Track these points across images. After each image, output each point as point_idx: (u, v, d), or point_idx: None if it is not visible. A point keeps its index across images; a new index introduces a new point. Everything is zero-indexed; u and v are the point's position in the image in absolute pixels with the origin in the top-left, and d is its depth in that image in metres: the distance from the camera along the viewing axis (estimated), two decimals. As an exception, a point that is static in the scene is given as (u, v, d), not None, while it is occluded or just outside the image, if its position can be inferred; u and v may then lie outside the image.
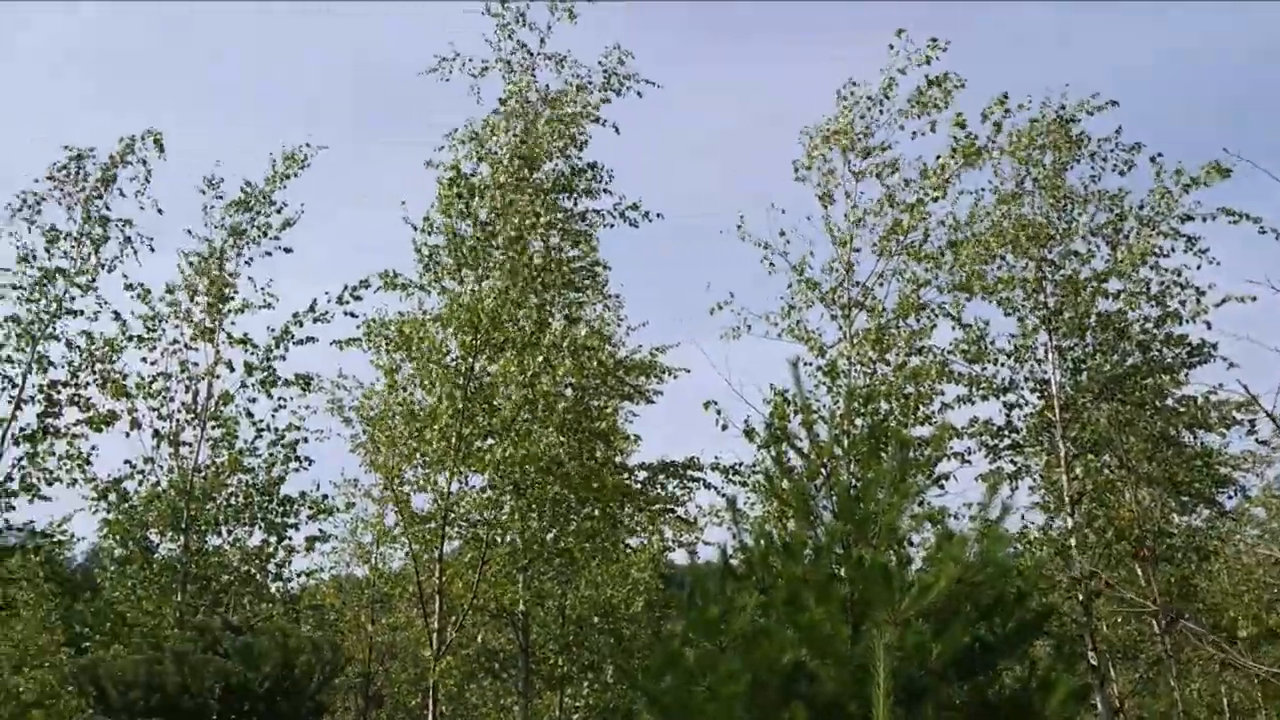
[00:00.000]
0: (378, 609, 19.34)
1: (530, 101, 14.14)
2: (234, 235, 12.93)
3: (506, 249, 13.17)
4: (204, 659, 8.41)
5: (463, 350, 12.64)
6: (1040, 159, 14.29)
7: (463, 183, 13.21)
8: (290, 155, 13.10)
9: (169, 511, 11.97)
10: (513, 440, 12.34)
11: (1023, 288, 14.09)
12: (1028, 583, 8.26)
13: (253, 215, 12.99)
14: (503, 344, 12.72)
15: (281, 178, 13.09)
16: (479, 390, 12.63)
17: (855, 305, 12.79)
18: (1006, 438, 14.08)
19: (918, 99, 12.82)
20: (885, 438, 10.91)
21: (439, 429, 12.37)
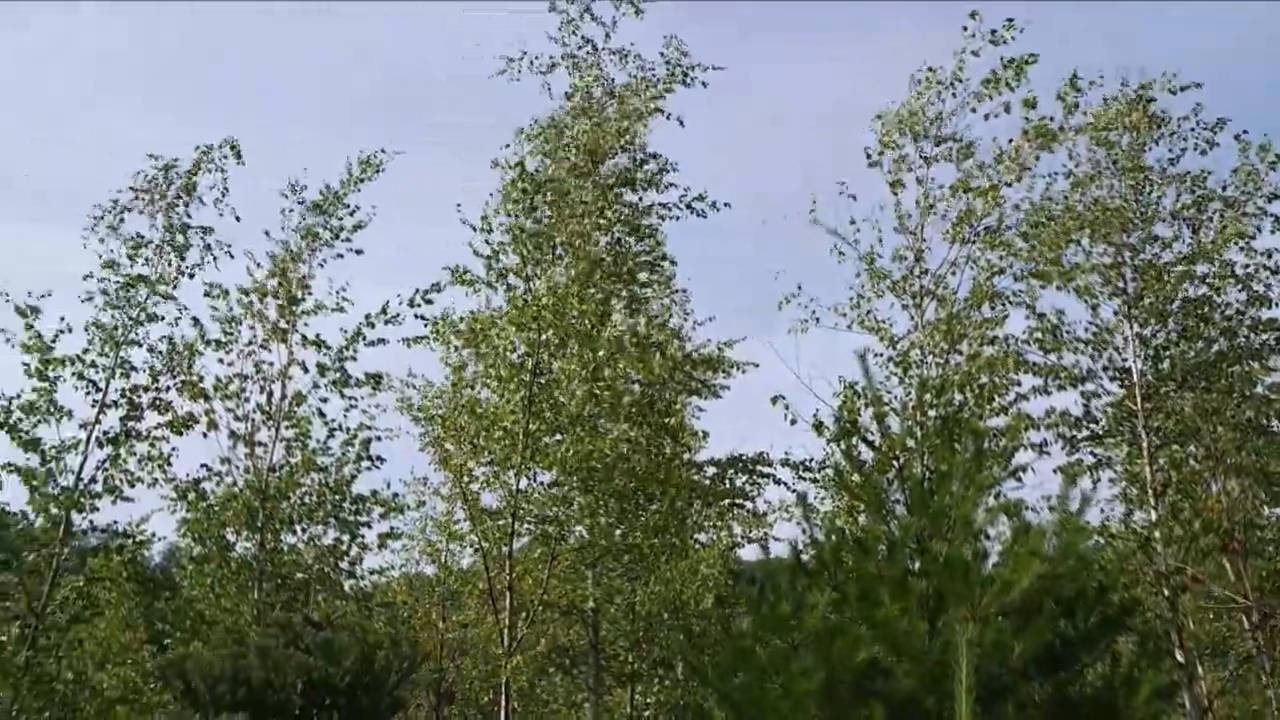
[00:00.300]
0: (448, 606, 19.54)
1: (595, 97, 14.16)
2: (308, 238, 13.15)
3: (570, 243, 13.21)
4: (287, 654, 8.55)
5: (527, 347, 12.70)
6: (1117, 140, 13.88)
7: (527, 179, 13.29)
8: (366, 160, 13.31)
9: (245, 510, 12.22)
10: (577, 436, 12.37)
11: (1100, 274, 13.71)
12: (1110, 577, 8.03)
13: (326, 218, 13.20)
14: (565, 338, 12.76)
15: (356, 182, 13.29)
16: (544, 386, 12.68)
17: (926, 294, 12.55)
18: (1085, 428, 13.72)
19: (991, 80, 12.52)
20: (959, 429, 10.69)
21: (506, 426, 12.44)
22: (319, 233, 13.16)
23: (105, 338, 11.59)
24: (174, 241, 12.13)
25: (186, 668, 8.46)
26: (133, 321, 11.79)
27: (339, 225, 13.19)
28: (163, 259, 12.10)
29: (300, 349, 12.87)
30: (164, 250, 12.11)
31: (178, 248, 12.11)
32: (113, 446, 11.38)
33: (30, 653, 10.52)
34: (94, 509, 11.24)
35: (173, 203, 12.22)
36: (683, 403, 15.62)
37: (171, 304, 12.04)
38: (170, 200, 12.22)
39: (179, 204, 12.26)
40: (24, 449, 11.02)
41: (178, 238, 12.15)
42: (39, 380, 11.21)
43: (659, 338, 14.05)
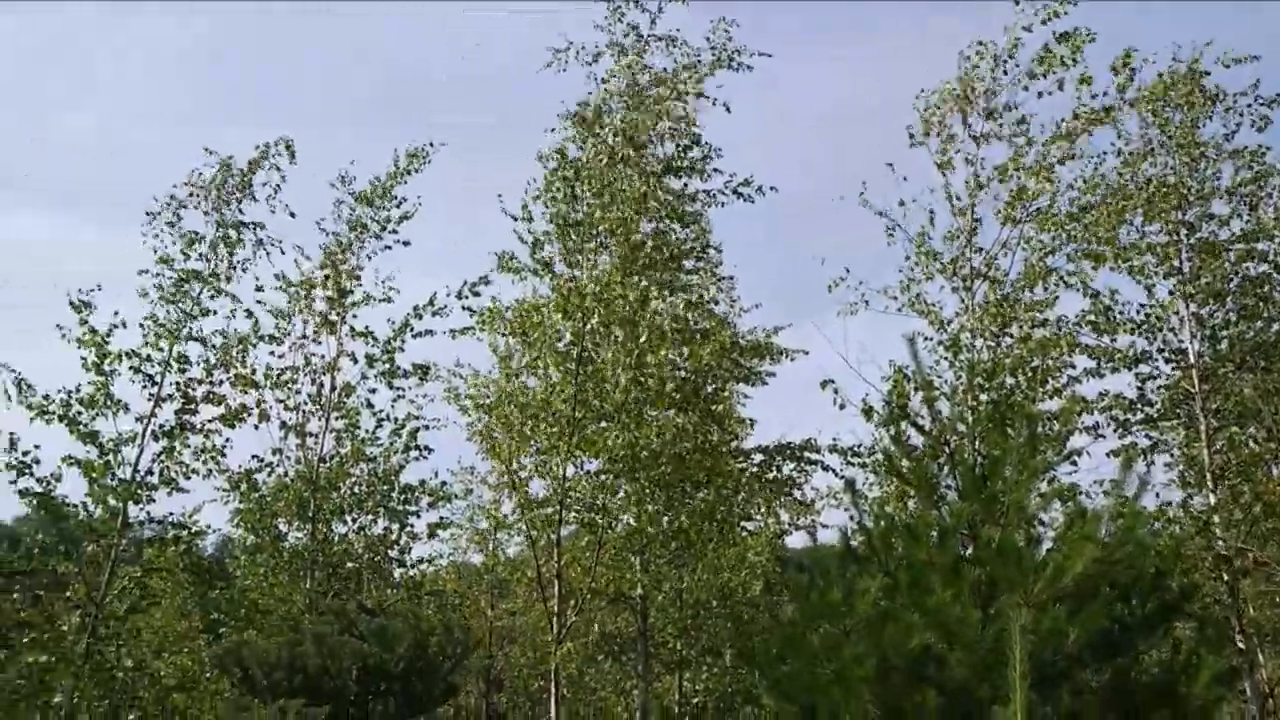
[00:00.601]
0: (496, 594, 19.69)
1: (640, 84, 14.08)
2: (356, 229, 13.26)
3: (613, 230, 13.18)
4: (342, 641, 8.68)
5: (573, 335, 12.72)
6: (1171, 116, 13.55)
7: (567, 166, 13.28)
8: (413, 152, 13.41)
9: (296, 501, 12.39)
10: (623, 424, 12.36)
11: (1155, 253, 13.41)
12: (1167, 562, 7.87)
13: (374, 210, 13.32)
14: (609, 325, 12.74)
15: (403, 174, 13.39)
16: (590, 374, 12.68)
17: (977, 276, 12.33)
18: (1139, 411, 13.46)
19: (1044, 57, 12.22)
20: (1011, 414, 10.53)
21: (553, 414, 12.48)
22: (367, 224, 13.27)
23: (160, 332, 11.77)
24: (227, 237, 12.29)
25: (244, 655, 8.61)
26: (186, 316, 11.96)
27: (386, 217, 13.30)
28: (216, 254, 12.26)
29: (349, 340, 13.01)
30: (217, 246, 12.27)
31: (230, 243, 12.27)
32: (168, 439, 11.56)
33: (90, 641, 10.76)
34: (150, 500, 11.43)
35: (226, 199, 12.37)
36: (730, 390, 15.54)
37: (224, 298, 12.20)
38: (225, 197, 12.36)
39: (233, 200, 12.41)
40: (82, 441, 11.24)
41: (230, 233, 12.30)
42: (96, 374, 11.42)
43: (706, 325, 13.96)
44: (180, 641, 13.20)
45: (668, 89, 13.91)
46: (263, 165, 12.48)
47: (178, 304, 11.87)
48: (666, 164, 14.04)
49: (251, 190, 12.45)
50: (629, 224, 13.29)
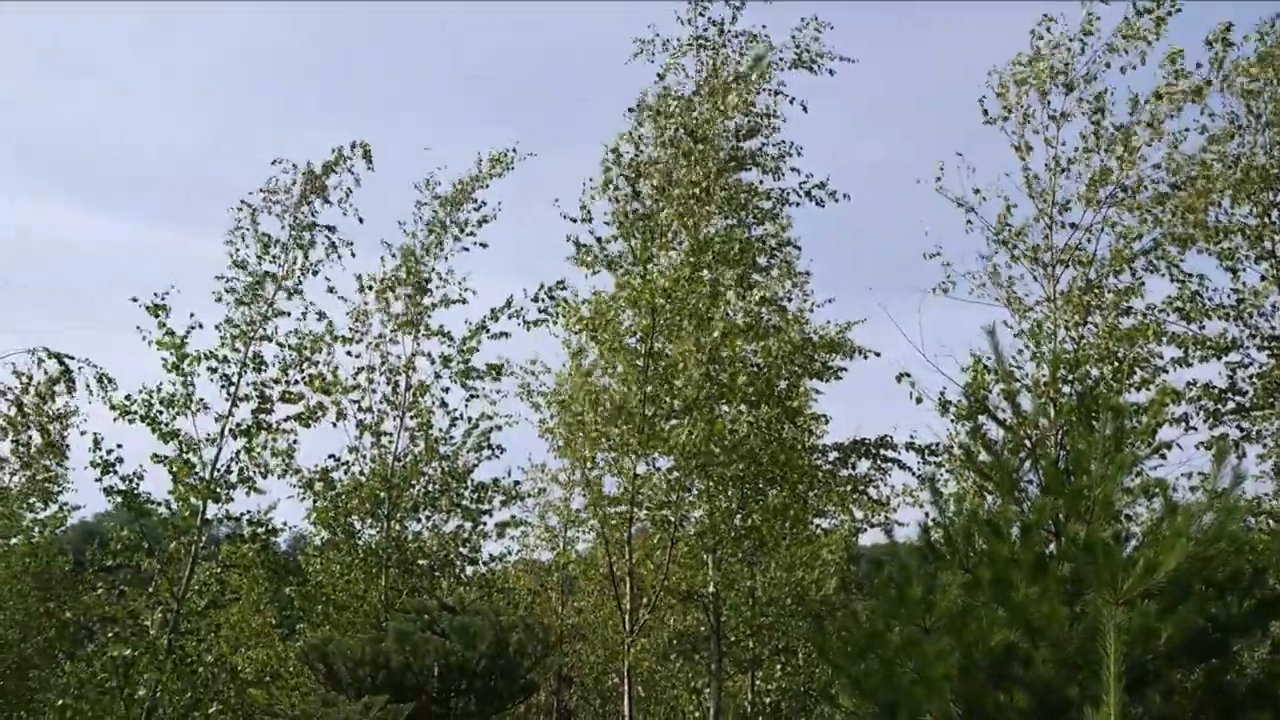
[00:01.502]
0: (566, 591, 19.71)
1: (720, 78, 13.95)
2: (436, 231, 13.36)
3: (681, 224, 13.08)
4: (424, 638, 8.74)
5: (643, 331, 12.65)
6: (1260, 91, 12.99)
7: (624, 165, 13.23)
8: (496, 157, 13.47)
9: (371, 498, 12.53)
10: (694, 421, 12.24)
11: (1245, 235, 12.88)
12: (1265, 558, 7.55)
13: (454, 212, 13.40)
14: (679, 320, 12.64)
15: (486, 177, 13.46)
16: (661, 370, 12.60)
17: (1060, 262, 11.93)
18: (1230, 401, 12.95)
19: (1125, 31, 11.76)
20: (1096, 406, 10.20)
21: (624, 411, 12.42)
22: (446, 226, 13.35)
23: (236, 333, 11.99)
24: (300, 240, 12.47)
25: (329, 651, 8.72)
26: (261, 317, 12.16)
27: (465, 220, 13.38)
28: (289, 256, 12.44)
29: (425, 340, 13.11)
30: (289, 248, 12.45)
31: (303, 245, 12.45)
32: (245, 438, 11.77)
33: (172, 636, 11.01)
34: (229, 499, 11.66)
35: (300, 202, 12.55)
36: (804, 385, 15.33)
37: (298, 299, 12.38)
38: (298, 200, 12.55)
39: (306, 204, 12.58)
40: (163, 440, 11.50)
41: (304, 235, 12.48)
42: (176, 374, 11.67)
43: (777, 320, 13.77)
44: (257, 637, 13.43)
45: (741, 83, 13.76)
46: (337, 169, 12.63)
47: (252, 306, 12.08)
48: (732, 157, 13.89)
49: (326, 193, 12.61)
50: (696, 218, 13.18)
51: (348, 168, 12.65)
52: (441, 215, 13.39)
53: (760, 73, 13.84)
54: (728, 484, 12.87)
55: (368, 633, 9.65)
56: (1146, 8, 11.65)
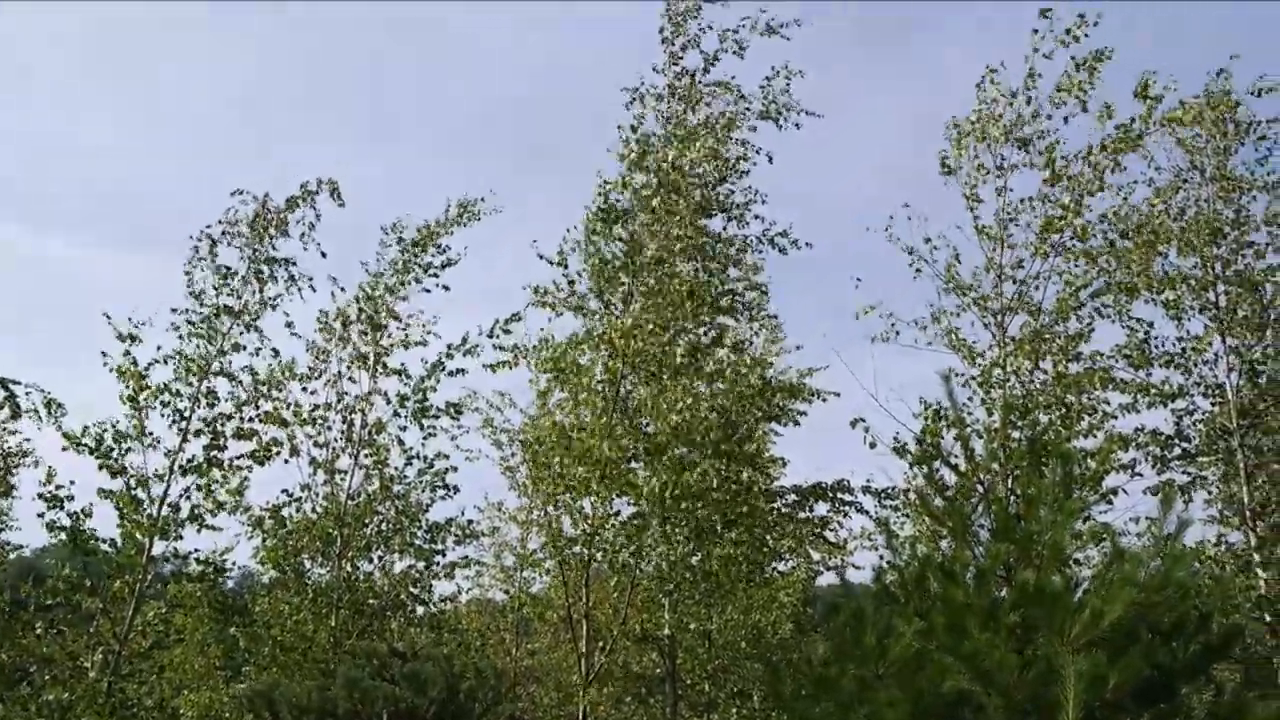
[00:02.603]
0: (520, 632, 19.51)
1: (689, 126, 14.01)
2: (399, 273, 13.31)
3: (652, 271, 13.10)
4: (373, 685, 8.59)
5: (609, 375, 12.63)
6: (1203, 146, 13.42)
7: (611, 210, 13.25)
8: (464, 205, 13.49)
9: (322, 537, 12.35)
10: (663, 467, 12.20)
11: (1189, 286, 13.23)
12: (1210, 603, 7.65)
13: (419, 255, 13.36)
14: (639, 364, 12.64)
15: (453, 223, 13.46)
16: (626, 413, 12.57)
17: (1009, 310, 12.15)
18: (1177, 447, 13.22)
19: (1065, 86, 12.07)
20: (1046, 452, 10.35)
21: (585, 453, 12.37)
22: (410, 268, 13.31)
23: (189, 367, 11.82)
24: (259, 273, 12.36)
25: (274, 697, 8.54)
26: (217, 351, 12.01)
27: (428, 262, 13.35)
28: (247, 289, 12.33)
29: (383, 378, 13.01)
30: (248, 281, 12.34)
31: (262, 279, 12.34)
32: (196, 475, 11.57)
33: (112, 679, 10.71)
34: (178, 537, 11.43)
35: (261, 235, 12.45)
36: (763, 430, 15.38)
37: (254, 334, 12.24)
38: (259, 233, 12.45)
39: (267, 237, 12.48)
40: (112, 475, 11.28)
41: (263, 269, 12.38)
42: (131, 407, 11.47)
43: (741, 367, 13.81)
44: (200, 679, 13.11)
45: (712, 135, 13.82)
46: (301, 204, 12.57)
47: (207, 339, 11.94)
48: (700, 205, 13.95)
49: (286, 227, 12.53)
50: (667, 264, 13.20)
51: (311, 203, 12.60)
52: (406, 257, 13.36)
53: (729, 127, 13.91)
54: (685, 527, 12.85)
55: (315, 678, 9.47)
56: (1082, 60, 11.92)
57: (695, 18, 13.81)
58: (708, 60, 13.85)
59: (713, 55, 13.83)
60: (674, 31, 13.88)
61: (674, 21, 13.86)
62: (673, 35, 13.89)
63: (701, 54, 13.88)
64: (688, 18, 13.83)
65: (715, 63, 13.85)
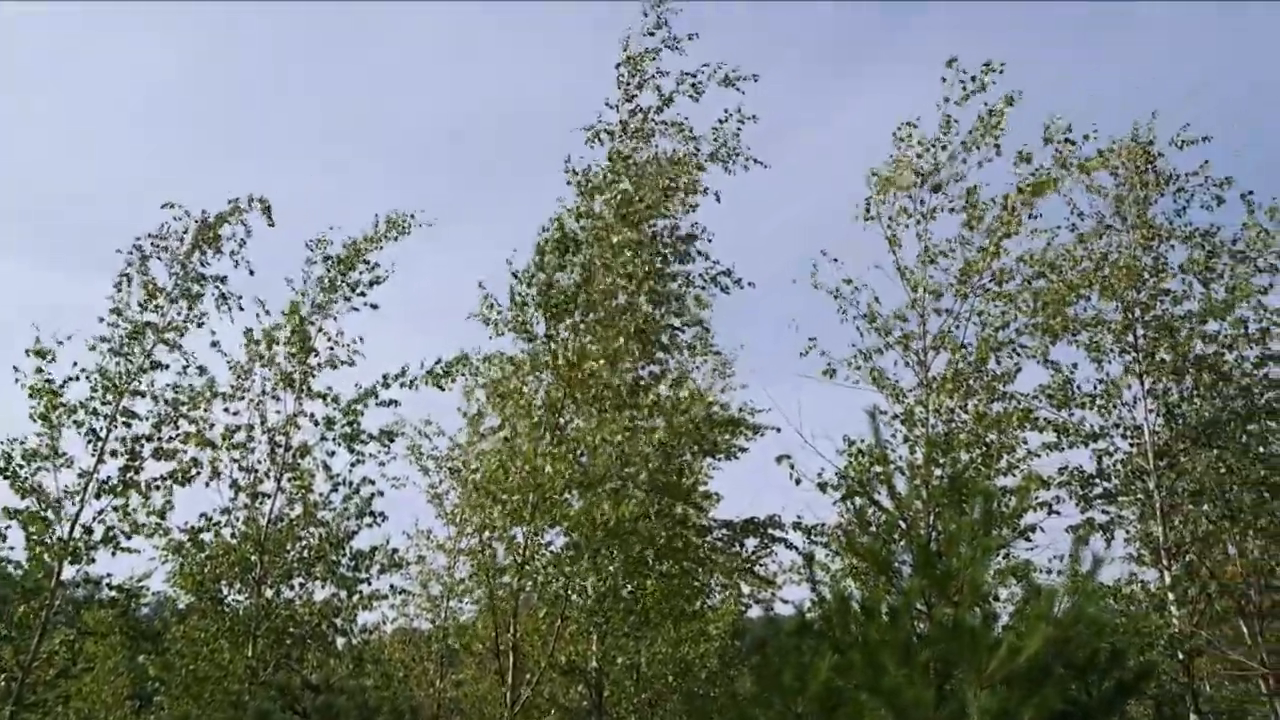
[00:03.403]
0: (445, 664, 19.19)
1: (640, 164, 14.04)
2: (326, 291, 13.12)
3: (602, 304, 13.07)
4: (284, 718, 8.37)
5: (550, 403, 12.54)
6: (1125, 195, 13.87)
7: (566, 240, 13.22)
8: (393, 221, 13.34)
9: (242, 563, 12.06)
10: (596, 498, 12.13)
11: (1110, 330, 13.59)
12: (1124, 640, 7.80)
13: (345, 273, 13.19)
14: (596, 401, 12.56)
15: (381, 238, 13.31)
16: (564, 443, 12.48)
17: (932, 349, 12.38)
18: (1097, 486, 13.51)
19: (978, 130, 12.40)
20: (966, 489, 10.51)
21: (518, 481, 12.26)
22: (337, 286, 13.13)
23: (108, 385, 11.52)
24: (187, 290, 12.12)
25: (184, 731, 8.28)
26: (137, 370, 11.73)
27: (356, 280, 13.19)
28: (173, 307, 12.07)
29: (309, 401, 12.79)
30: (175, 298, 12.09)
31: (190, 296, 12.10)
32: (112, 496, 11.25)
33: (14, 709, 10.30)
34: (91, 560, 11.08)
35: (190, 251, 12.23)
36: (699, 464, 15.38)
37: (178, 352, 11.98)
38: (188, 249, 12.23)
39: (196, 254, 12.26)
40: (20, 495, 10.91)
41: (192, 286, 12.14)
42: (44, 425, 11.13)
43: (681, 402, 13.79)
44: (109, 709, 12.66)
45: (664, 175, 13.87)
46: (230, 220, 12.37)
47: (127, 356, 11.65)
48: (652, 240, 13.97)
49: (219, 244, 12.32)
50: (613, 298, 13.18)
51: (240, 220, 12.40)
52: (333, 275, 13.18)
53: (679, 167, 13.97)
54: (617, 560, 12.77)
55: (226, 711, 9.20)
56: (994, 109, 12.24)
57: (654, 59, 13.95)
58: (664, 100, 13.98)
59: (668, 95, 13.96)
60: (631, 72, 14.01)
61: (632, 63, 14.00)
62: (629, 76, 14.02)
63: (659, 91, 14.01)
64: (645, 60, 13.97)
65: (669, 103, 13.99)
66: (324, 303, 13.09)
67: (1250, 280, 13.23)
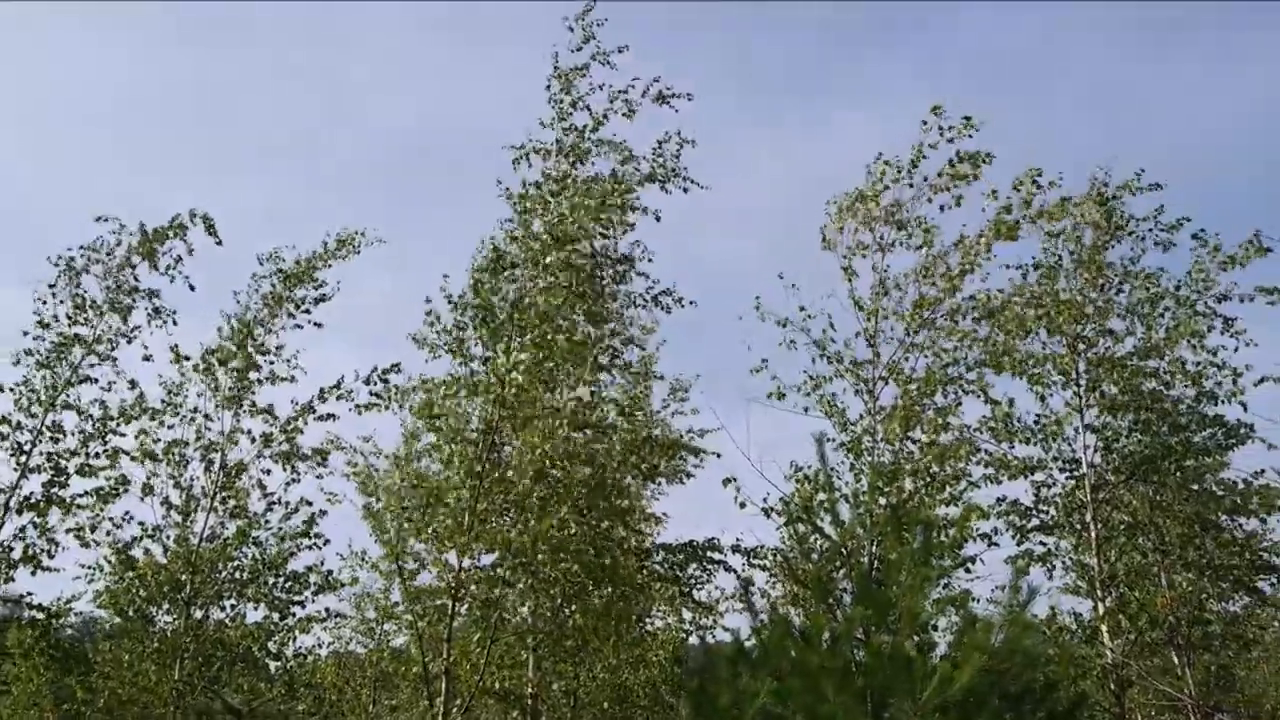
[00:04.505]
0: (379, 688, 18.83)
1: (576, 183, 13.95)
2: (270, 306, 12.89)
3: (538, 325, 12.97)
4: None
5: (483, 424, 12.39)
6: (1079, 237, 14.14)
7: (501, 259, 13.11)
8: (344, 239, 13.17)
9: (171, 582, 11.72)
10: (524, 519, 11.99)
11: (1054, 364, 13.82)
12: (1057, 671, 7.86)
13: (292, 289, 12.99)
14: (527, 419, 12.43)
15: (331, 256, 13.13)
16: (496, 464, 12.33)
17: (881, 379, 12.47)
18: (1035, 518, 13.68)
19: (948, 172, 12.58)
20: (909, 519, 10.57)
21: (450, 503, 12.08)
22: (283, 302, 12.91)
23: (33, 399, 11.18)
24: (118, 303, 11.82)
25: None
26: (65, 383, 11.39)
27: (303, 297, 12.97)
28: (103, 320, 11.77)
29: (247, 417, 12.53)
30: (105, 312, 11.79)
31: (121, 310, 11.81)
32: (34, 512, 10.89)
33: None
34: (9, 579, 10.70)
35: (123, 265, 11.94)
36: (638, 487, 15.29)
37: (108, 366, 11.67)
38: (120, 263, 11.94)
39: (130, 267, 11.98)
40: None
41: (124, 300, 11.84)
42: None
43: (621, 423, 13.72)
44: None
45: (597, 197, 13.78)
46: (171, 236, 12.12)
47: (54, 369, 11.31)
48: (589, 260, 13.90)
49: (155, 258, 12.06)
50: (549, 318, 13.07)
51: (181, 236, 12.15)
52: (280, 290, 12.97)
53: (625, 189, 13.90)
54: (551, 583, 12.62)
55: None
56: (966, 155, 12.46)
57: (584, 75, 13.86)
58: (596, 119, 13.89)
59: (601, 114, 13.88)
60: (562, 88, 13.92)
61: (563, 79, 13.91)
62: (561, 92, 13.93)
63: (589, 111, 13.92)
64: (576, 77, 13.88)
65: (604, 122, 13.90)
66: (266, 318, 12.87)
67: (1191, 321, 13.50)
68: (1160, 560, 13.21)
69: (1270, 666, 20.53)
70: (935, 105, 12.55)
